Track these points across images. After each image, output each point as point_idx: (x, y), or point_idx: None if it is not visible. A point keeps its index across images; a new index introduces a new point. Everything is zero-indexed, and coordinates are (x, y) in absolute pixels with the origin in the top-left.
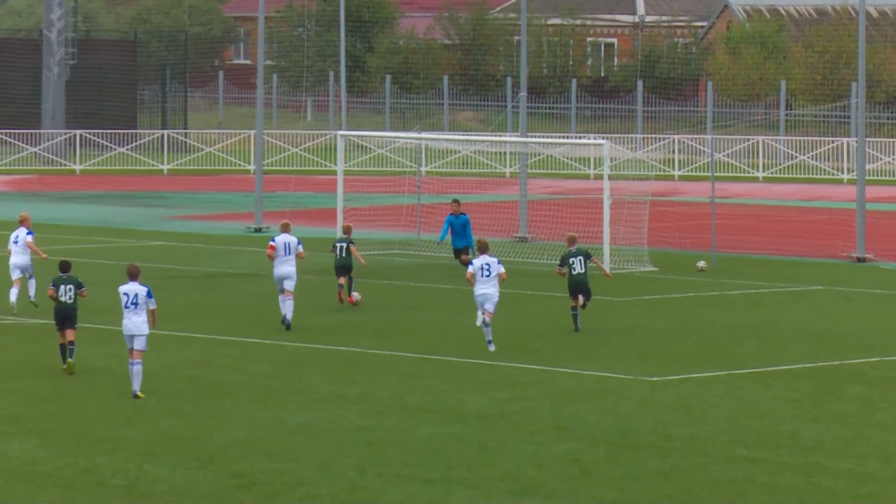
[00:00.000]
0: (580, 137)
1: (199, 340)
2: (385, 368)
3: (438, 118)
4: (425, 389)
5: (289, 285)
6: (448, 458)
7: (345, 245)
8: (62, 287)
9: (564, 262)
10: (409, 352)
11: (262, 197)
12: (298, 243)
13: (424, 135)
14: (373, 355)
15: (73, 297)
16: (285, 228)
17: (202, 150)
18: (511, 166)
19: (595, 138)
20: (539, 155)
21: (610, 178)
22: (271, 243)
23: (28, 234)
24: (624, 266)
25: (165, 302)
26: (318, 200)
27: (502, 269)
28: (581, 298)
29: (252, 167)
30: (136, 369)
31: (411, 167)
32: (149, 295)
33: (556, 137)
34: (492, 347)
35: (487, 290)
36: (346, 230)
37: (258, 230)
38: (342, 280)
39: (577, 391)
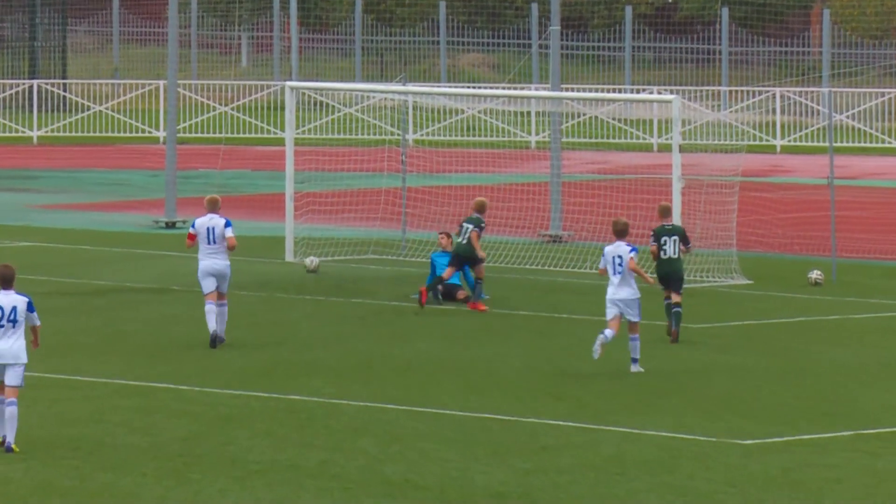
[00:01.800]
0: (638, 91)
1: (87, 385)
2: (355, 426)
3: (433, 63)
4: (414, 456)
5: (220, 286)
6: None
7: (470, 227)
8: None
9: (657, 238)
10: (390, 402)
11: (177, 177)
12: (227, 225)
13: (412, 87)
14: (337, 407)
15: None
16: (213, 206)
17: (89, 108)
18: (538, 133)
19: (660, 92)
20: (579, 116)
21: (682, 149)
22: (191, 230)
23: None
24: (703, 277)
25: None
26: (258, 182)
27: (633, 257)
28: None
29: (162, 134)
30: (10, 412)
31: (393, 134)
32: (30, 308)
33: (603, 91)
34: (636, 368)
35: (621, 292)
36: (480, 207)
37: (171, 225)
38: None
39: (634, 459)
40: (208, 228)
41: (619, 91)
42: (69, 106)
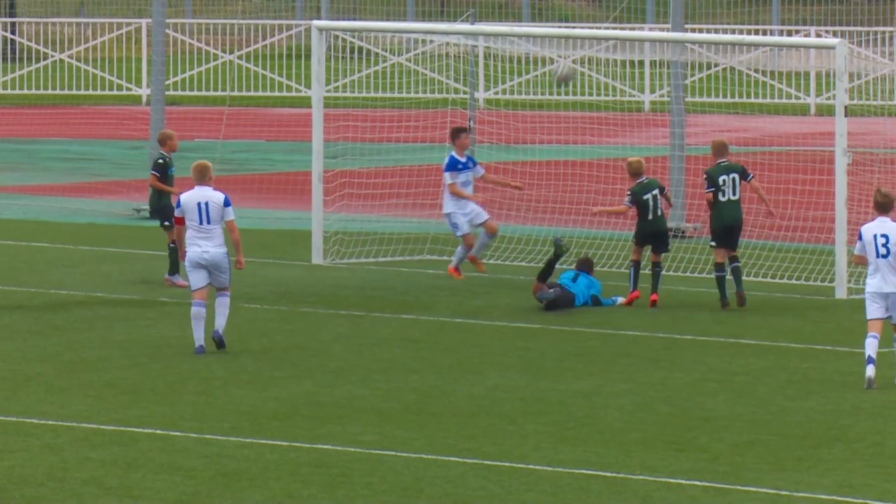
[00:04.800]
0: (789, 33)
1: (45, 431)
2: (405, 485)
3: None
4: None
5: (218, 279)
6: None
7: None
8: None
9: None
10: (453, 453)
11: None
12: (227, 203)
13: (483, 27)
14: (382, 460)
15: None
16: (201, 176)
17: (48, 57)
18: (654, 91)
19: (819, 35)
20: (709, 68)
21: (849, 112)
22: (176, 211)
23: None
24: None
25: None
26: (275, 157)
27: None
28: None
29: (145, 92)
30: None
31: (458, 92)
32: None
33: (741, 33)
34: None
35: (888, 283)
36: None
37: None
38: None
39: None
40: (199, 205)
41: (764, 34)
42: (18, 53)
